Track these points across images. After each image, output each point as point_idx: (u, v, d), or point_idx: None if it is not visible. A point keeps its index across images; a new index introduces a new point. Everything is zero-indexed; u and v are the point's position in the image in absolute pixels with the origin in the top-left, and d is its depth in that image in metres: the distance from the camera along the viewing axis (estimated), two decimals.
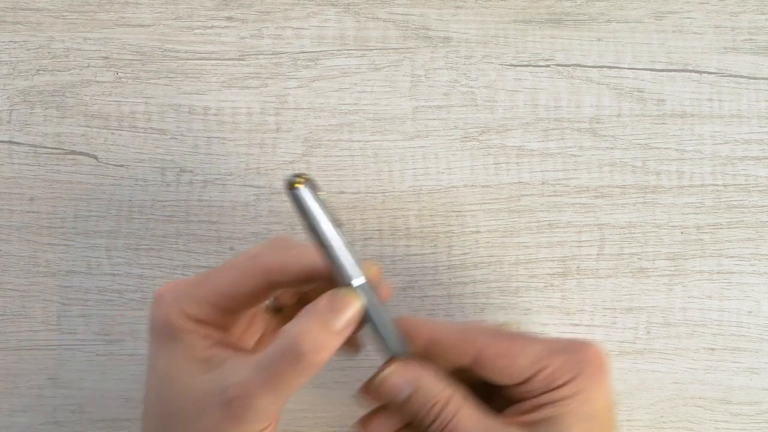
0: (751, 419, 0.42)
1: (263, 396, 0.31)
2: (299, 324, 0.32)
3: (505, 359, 0.33)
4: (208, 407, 0.32)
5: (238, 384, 0.31)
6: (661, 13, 0.44)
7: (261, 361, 0.32)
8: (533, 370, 0.33)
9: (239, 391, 0.31)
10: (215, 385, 0.32)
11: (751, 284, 0.43)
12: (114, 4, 0.44)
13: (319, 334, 0.31)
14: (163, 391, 0.33)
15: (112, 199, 0.43)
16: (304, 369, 0.31)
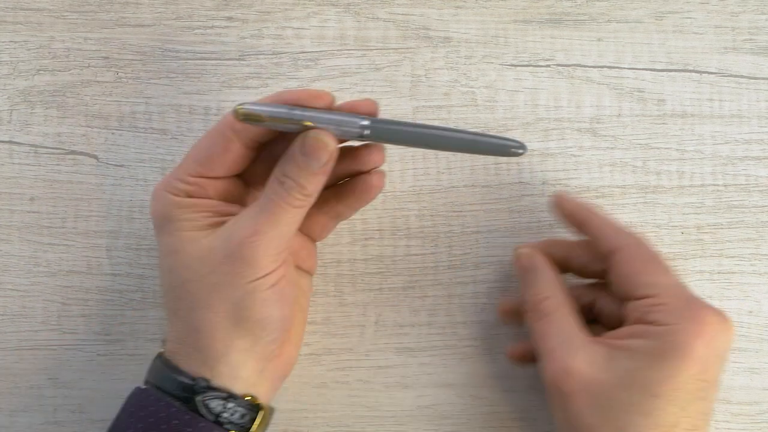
0: (751, 419, 0.42)
1: (265, 234, 0.33)
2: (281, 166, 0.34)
3: (632, 267, 0.35)
4: (215, 261, 0.34)
5: (239, 229, 0.34)
6: (662, 13, 0.44)
7: (255, 206, 0.34)
8: (644, 292, 0.34)
9: (241, 235, 0.34)
10: (219, 240, 0.34)
11: (752, 284, 0.43)
12: (114, 4, 0.44)
13: (299, 176, 0.34)
14: (171, 265, 0.35)
15: (113, 199, 0.43)
16: (292, 206, 0.34)
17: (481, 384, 0.42)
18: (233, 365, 0.34)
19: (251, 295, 0.34)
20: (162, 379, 0.35)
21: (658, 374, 0.33)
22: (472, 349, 0.42)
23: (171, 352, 0.35)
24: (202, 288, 0.34)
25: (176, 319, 0.35)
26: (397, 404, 0.42)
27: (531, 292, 0.37)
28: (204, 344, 0.34)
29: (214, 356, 0.34)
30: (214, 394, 0.34)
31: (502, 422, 0.42)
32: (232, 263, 0.33)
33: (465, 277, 0.43)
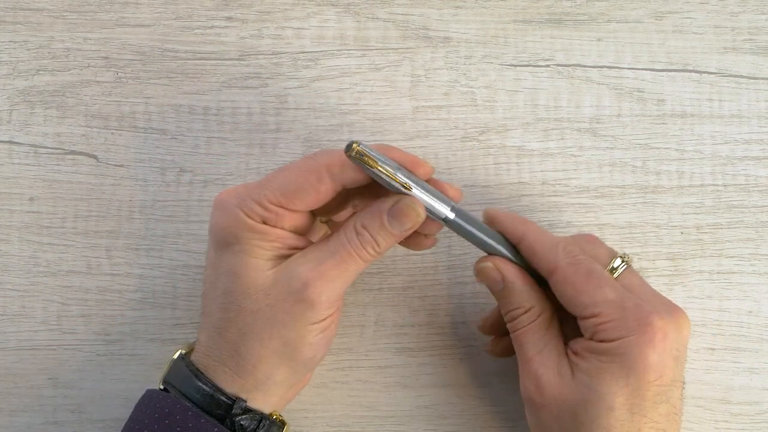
0: (751, 419, 0.42)
1: (331, 281, 0.34)
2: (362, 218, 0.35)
3: (570, 288, 0.35)
4: (276, 297, 0.34)
5: (306, 270, 0.34)
6: (661, 13, 0.44)
7: (324, 248, 0.35)
8: (588, 312, 0.34)
9: (308, 277, 0.34)
10: (283, 276, 0.34)
11: (751, 284, 0.43)
12: (114, 4, 0.44)
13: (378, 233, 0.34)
14: (229, 287, 0.35)
15: (112, 199, 0.43)
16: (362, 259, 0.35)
17: (481, 384, 0.42)
18: (268, 393, 0.35)
19: (303, 338, 0.34)
20: (192, 389, 0.35)
21: (613, 387, 0.33)
22: (472, 349, 0.42)
23: (205, 366, 0.35)
24: (258, 319, 0.34)
25: (220, 338, 0.35)
26: (396, 404, 0.42)
27: (509, 305, 0.37)
28: (246, 371, 0.35)
29: (253, 383, 0.35)
30: (249, 416, 0.35)
31: (502, 422, 0.42)
32: (293, 303, 0.34)
33: (465, 277, 0.43)
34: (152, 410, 0.35)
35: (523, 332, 0.36)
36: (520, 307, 0.36)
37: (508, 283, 0.36)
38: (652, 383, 0.33)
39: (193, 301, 0.42)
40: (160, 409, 0.34)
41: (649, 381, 0.33)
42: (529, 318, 0.36)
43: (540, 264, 0.36)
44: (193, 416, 0.34)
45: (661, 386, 0.33)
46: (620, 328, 0.33)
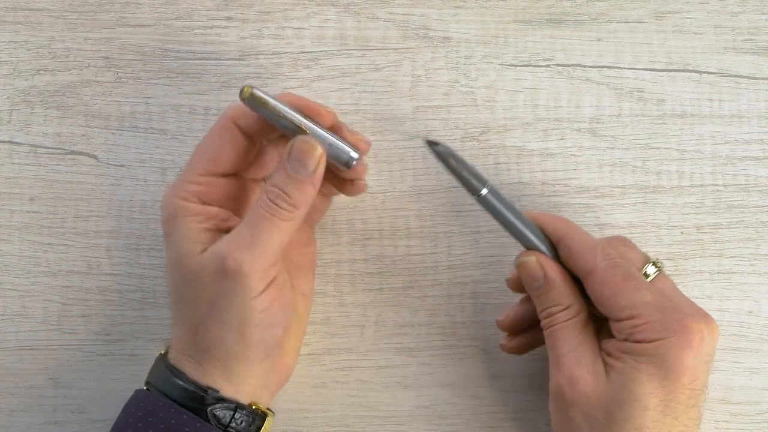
0: (751, 419, 0.42)
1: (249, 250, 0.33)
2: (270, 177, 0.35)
3: (608, 290, 0.35)
4: (207, 279, 0.34)
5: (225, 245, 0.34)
6: (661, 13, 0.44)
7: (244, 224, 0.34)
8: (625, 314, 0.34)
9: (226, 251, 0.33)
10: (209, 257, 0.34)
11: (751, 284, 0.43)
12: (114, 4, 0.44)
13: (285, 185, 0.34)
14: (174, 279, 0.36)
15: (113, 199, 0.43)
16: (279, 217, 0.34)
17: (480, 384, 0.42)
18: (236, 380, 0.35)
19: (245, 319, 0.34)
20: (169, 386, 0.35)
21: (649, 388, 0.33)
22: (472, 349, 0.42)
23: (177, 360, 0.35)
24: (202, 306, 0.34)
25: (180, 330, 0.36)
26: (396, 404, 0.42)
27: (547, 302, 0.36)
28: (207, 359, 0.35)
29: (219, 370, 0.35)
30: (223, 405, 0.34)
31: (502, 422, 0.42)
32: (221, 281, 0.33)
33: (465, 277, 0.43)
34: (137, 409, 0.35)
35: (559, 328, 0.36)
36: (558, 305, 0.36)
37: (549, 280, 0.36)
38: (686, 386, 0.33)
39: None
40: (143, 408, 0.34)
41: (684, 384, 0.33)
42: (566, 315, 0.36)
43: (577, 264, 0.36)
44: (175, 413, 0.34)
45: (694, 390, 0.33)
46: (659, 329, 0.33)
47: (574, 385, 0.34)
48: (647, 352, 0.33)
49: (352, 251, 0.43)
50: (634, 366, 0.33)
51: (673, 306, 0.34)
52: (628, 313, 0.34)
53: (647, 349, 0.33)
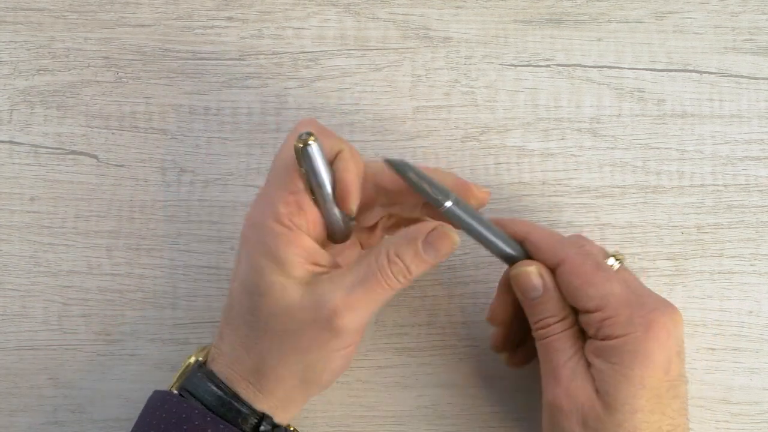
0: (751, 419, 0.42)
1: (359, 311, 0.33)
2: (395, 245, 0.34)
3: (578, 279, 0.35)
4: (302, 322, 0.34)
5: (334, 298, 0.33)
6: (662, 13, 0.44)
7: (353, 275, 0.34)
8: (594, 304, 0.34)
9: (336, 306, 0.33)
10: (310, 301, 0.34)
11: (752, 284, 0.43)
12: (114, 4, 0.44)
13: (412, 262, 0.34)
14: (257, 305, 0.34)
15: (113, 199, 0.43)
16: (392, 288, 0.34)
17: (481, 384, 0.42)
18: (288, 409, 0.36)
19: (326, 364, 0.34)
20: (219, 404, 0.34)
21: (632, 390, 0.33)
22: (472, 349, 0.42)
23: (227, 377, 0.35)
24: (283, 342, 0.34)
25: (245, 353, 0.35)
26: (396, 404, 0.42)
27: (544, 312, 0.36)
28: (267, 389, 0.35)
29: (274, 402, 0.35)
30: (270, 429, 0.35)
31: (502, 422, 0.42)
32: (320, 330, 0.33)
33: (465, 277, 0.43)
34: (168, 414, 0.34)
35: (555, 340, 0.35)
36: (554, 316, 0.36)
37: (548, 290, 0.35)
38: (663, 379, 0.33)
39: (193, 301, 0.42)
40: (176, 414, 0.34)
41: (659, 377, 0.33)
42: (562, 326, 0.35)
43: (546, 257, 0.36)
44: (212, 422, 0.33)
45: (671, 381, 0.33)
46: (625, 324, 0.33)
47: (571, 396, 0.34)
48: (617, 349, 0.33)
49: None
50: (612, 369, 0.33)
51: (639, 300, 0.34)
52: (597, 303, 0.34)
53: (616, 346, 0.33)
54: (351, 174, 0.34)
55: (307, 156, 0.33)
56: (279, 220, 0.34)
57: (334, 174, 0.34)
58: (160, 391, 0.36)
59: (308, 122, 0.35)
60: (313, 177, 0.34)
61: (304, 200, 0.34)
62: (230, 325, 0.36)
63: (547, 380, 0.35)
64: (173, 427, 0.34)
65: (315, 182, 0.34)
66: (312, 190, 0.34)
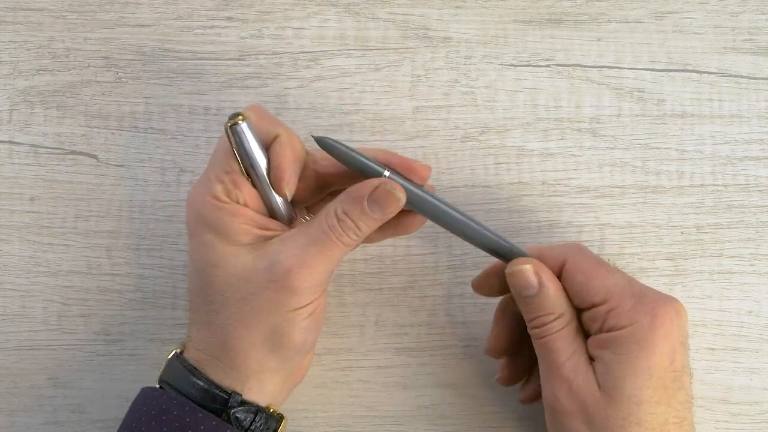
0: (751, 419, 0.42)
1: (313, 267, 0.34)
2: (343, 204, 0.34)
3: (582, 276, 0.35)
4: (258, 285, 0.34)
5: (288, 258, 0.34)
6: (661, 13, 0.44)
7: (304, 234, 0.34)
8: (600, 297, 0.34)
9: (289, 264, 0.33)
10: (264, 263, 0.34)
11: (752, 284, 0.43)
12: (114, 4, 0.44)
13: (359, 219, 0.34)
14: (210, 278, 0.35)
15: (113, 199, 0.43)
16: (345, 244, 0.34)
17: (480, 384, 0.42)
18: (263, 382, 0.35)
19: (290, 323, 0.34)
20: (189, 386, 0.34)
21: (638, 382, 0.33)
22: (472, 349, 0.42)
23: (197, 361, 0.35)
24: (242, 309, 0.34)
25: (208, 332, 0.35)
26: (396, 404, 0.42)
27: (540, 310, 0.36)
28: (238, 362, 0.35)
29: (246, 374, 0.35)
30: (245, 408, 0.34)
31: (502, 422, 0.42)
32: (276, 290, 0.34)
33: (465, 277, 0.43)
34: (149, 407, 0.34)
35: (553, 339, 0.35)
36: (551, 313, 0.35)
37: (544, 288, 0.35)
38: (668, 369, 0.33)
39: None
40: (156, 406, 0.34)
41: (665, 367, 0.33)
42: (560, 324, 0.35)
43: (550, 262, 0.36)
44: (190, 411, 0.34)
45: (675, 372, 0.34)
46: (628, 314, 0.34)
47: (574, 394, 0.34)
48: (622, 339, 0.33)
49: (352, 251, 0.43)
50: (618, 360, 0.33)
51: (641, 291, 0.35)
52: (602, 296, 0.34)
53: (621, 336, 0.33)
54: (285, 159, 0.35)
55: (237, 135, 0.34)
56: (216, 197, 0.35)
57: (270, 158, 0.35)
58: (146, 387, 0.36)
59: (251, 107, 0.36)
60: (246, 158, 0.34)
61: (240, 179, 0.35)
62: (192, 308, 0.36)
63: (548, 381, 0.35)
64: (154, 419, 0.34)
65: (248, 163, 0.35)
66: (247, 172, 0.35)
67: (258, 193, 0.35)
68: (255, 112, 0.35)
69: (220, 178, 0.35)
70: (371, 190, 0.34)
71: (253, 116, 0.35)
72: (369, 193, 0.34)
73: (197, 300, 0.36)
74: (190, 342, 0.36)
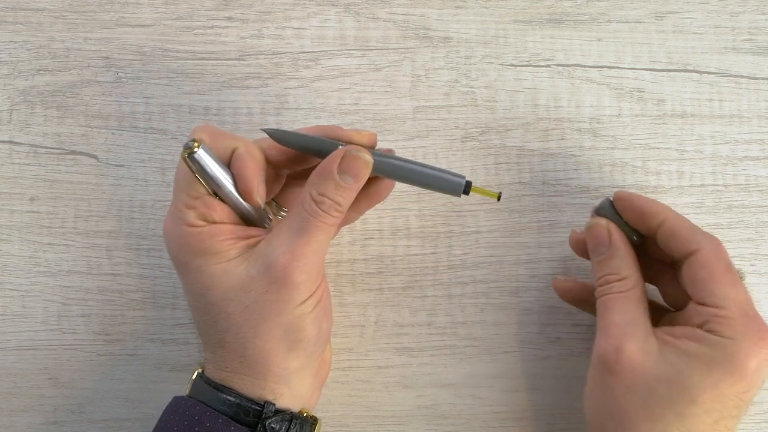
0: (751, 419, 0.42)
1: (306, 258, 0.34)
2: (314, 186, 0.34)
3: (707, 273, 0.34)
4: (258, 291, 0.34)
5: (279, 256, 0.34)
6: (661, 13, 0.44)
7: (288, 228, 0.34)
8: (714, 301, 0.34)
9: (283, 261, 0.34)
10: (256, 269, 0.34)
11: (752, 284, 0.43)
12: (114, 4, 0.44)
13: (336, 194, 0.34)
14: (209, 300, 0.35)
15: (113, 199, 0.43)
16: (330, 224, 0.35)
17: (481, 384, 0.42)
18: (293, 386, 0.35)
19: (300, 319, 0.34)
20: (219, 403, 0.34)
21: (703, 381, 0.33)
22: (472, 349, 0.42)
23: (222, 379, 0.35)
24: (249, 319, 0.34)
25: (224, 351, 0.35)
26: (396, 404, 0.42)
27: (606, 268, 0.36)
28: (262, 371, 0.35)
29: (274, 381, 0.35)
30: (279, 417, 0.34)
31: (502, 422, 0.42)
32: (278, 291, 0.34)
33: (465, 277, 0.43)
34: (181, 417, 0.34)
35: (613, 298, 0.35)
36: (616, 273, 0.36)
37: (614, 246, 0.36)
38: (738, 394, 0.33)
39: None
40: (189, 417, 0.34)
41: (737, 391, 0.33)
42: (622, 287, 0.36)
43: (679, 244, 0.35)
44: (223, 424, 0.33)
45: (742, 401, 0.33)
46: (736, 329, 0.33)
47: (620, 355, 0.34)
48: (716, 344, 0.33)
49: (352, 251, 0.43)
50: (699, 352, 0.33)
51: (757, 314, 0.34)
52: (717, 301, 0.34)
53: (717, 342, 0.33)
54: (248, 170, 0.35)
55: (196, 162, 0.34)
56: (192, 224, 0.34)
57: (234, 172, 0.35)
58: (177, 396, 0.36)
59: (201, 128, 0.35)
60: (211, 180, 0.34)
61: (210, 200, 0.35)
62: (202, 334, 0.36)
63: (600, 334, 0.35)
64: (186, 429, 0.34)
65: (214, 184, 0.35)
66: (214, 192, 0.35)
67: (230, 207, 0.35)
68: (206, 132, 0.35)
69: (190, 204, 0.35)
70: (338, 161, 0.34)
71: (206, 137, 0.35)
72: (337, 165, 0.34)
73: (203, 324, 0.36)
74: (207, 363, 0.36)
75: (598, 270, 0.37)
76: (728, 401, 0.33)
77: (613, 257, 0.36)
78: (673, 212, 0.36)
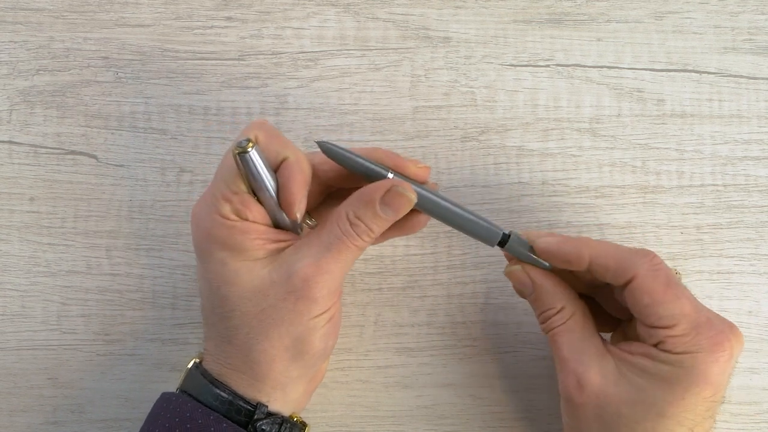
0: (751, 419, 0.42)
1: (330, 273, 0.34)
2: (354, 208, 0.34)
3: (648, 298, 0.34)
4: (276, 297, 0.34)
5: (304, 267, 0.34)
6: (661, 13, 0.44)
7: (317, 242, 0.34)
8: (663, 323, 0.34)
9: (306, 273, 0.34)
10: (279, 275, 0.34)
11: (751, 284, 0.43)
12: (114, 4, 0.44)
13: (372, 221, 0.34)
14: (226, 294, 0.35)
15: (112, 199, 0.43)
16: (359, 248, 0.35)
17: (480, 384, 0.42)
18: (287, 392, 0.36)
19: (311, 331, 0.34)
20: (211, 397, 0.34)
21: (669, 396, 0.33)
22: (472, 349, 0.42)
23: (219, 373, 0.35)
24: (262, 321, 0.34)
25: (230, 346, 0.35)
26: (396, 404, 0.42)
27: (541, 306, 0.37)
28: (262, 374, 0.35)
29: (271, 385, 0.35)
30: (270, 420, 0.35)
31: (502, 422, 0.42)
32: (295, 300, 0.34)
33: (465, 277, 0.43)
34: (172, 414, 0.34)
35: (558, 332, 0.36)
36: (551, 308, 0.36)
37: (537, 286, 0.36)
38: (707, 399, 0.33)
39: (193, 301, 0.42)
40: (180, 413, 0.34)
41: (705, 397, 0.33)
42: (561, 318, 0.36)
43: (615, 276, 0.35)
44: (214, 420, 0.34)
45: (713, 403, 0.33)
46: (691, 343, 0.33)
47: (582, 387, 0.34)
48: (674, 361, 0.33)
49: None
50: (658, 370, 0.33)
51: (708, 320, 0.34)
52: (666, 322, 0.34)
53: (674, 359, 0.33)
54: (295, 183, 0.35)
55: (246, 163, 0.34)
56: (225, 215, 0.34)
57: (279, 180, 0.35)
58: (166, 393, 0.36)
59: (259, 124, 0.35)
60: (255, 181, 0.34)
61: (248, 199, 0.35)
62: (209, 324, 0.36)
63: (559, 371, 0.36)
64: (177, 426, 0.34)
65: (257, 186, 0.34)
66: (255, 192, 0.35)
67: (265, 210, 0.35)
68: (263, 131, 0.35)
69: (228, 197, 0.34)
70: (383, 192, 0.34)
71: (262, 136, 0.35)
72: (381, 195, 0.34)
73: (213, 316, 0.36)
74: (207, 354, 0.36)
75: (534, 308, 0.37)
76: (698, 407, 0.33)
77: (543, 293, 0.36)
78: (594, 244, 0.36)
